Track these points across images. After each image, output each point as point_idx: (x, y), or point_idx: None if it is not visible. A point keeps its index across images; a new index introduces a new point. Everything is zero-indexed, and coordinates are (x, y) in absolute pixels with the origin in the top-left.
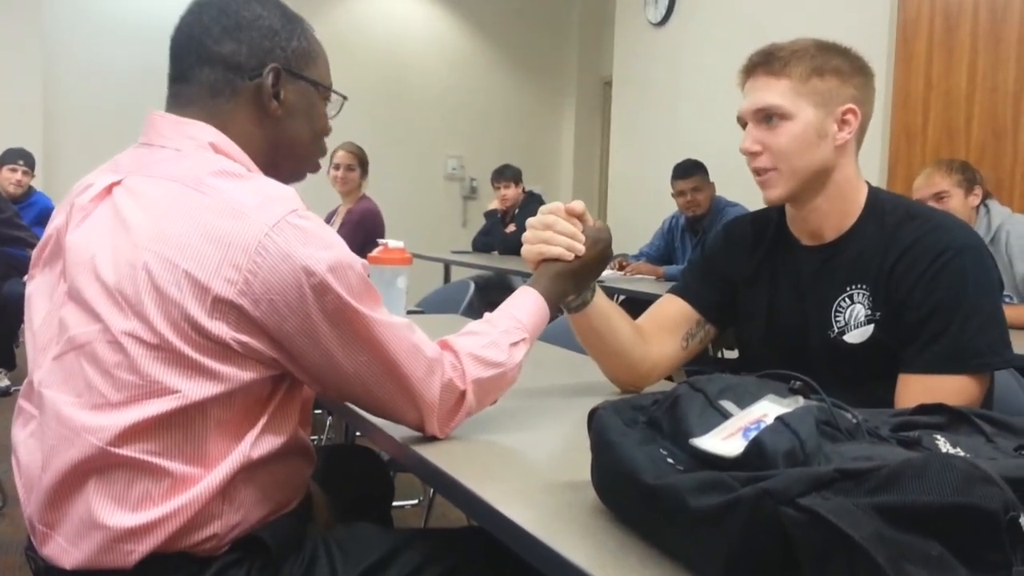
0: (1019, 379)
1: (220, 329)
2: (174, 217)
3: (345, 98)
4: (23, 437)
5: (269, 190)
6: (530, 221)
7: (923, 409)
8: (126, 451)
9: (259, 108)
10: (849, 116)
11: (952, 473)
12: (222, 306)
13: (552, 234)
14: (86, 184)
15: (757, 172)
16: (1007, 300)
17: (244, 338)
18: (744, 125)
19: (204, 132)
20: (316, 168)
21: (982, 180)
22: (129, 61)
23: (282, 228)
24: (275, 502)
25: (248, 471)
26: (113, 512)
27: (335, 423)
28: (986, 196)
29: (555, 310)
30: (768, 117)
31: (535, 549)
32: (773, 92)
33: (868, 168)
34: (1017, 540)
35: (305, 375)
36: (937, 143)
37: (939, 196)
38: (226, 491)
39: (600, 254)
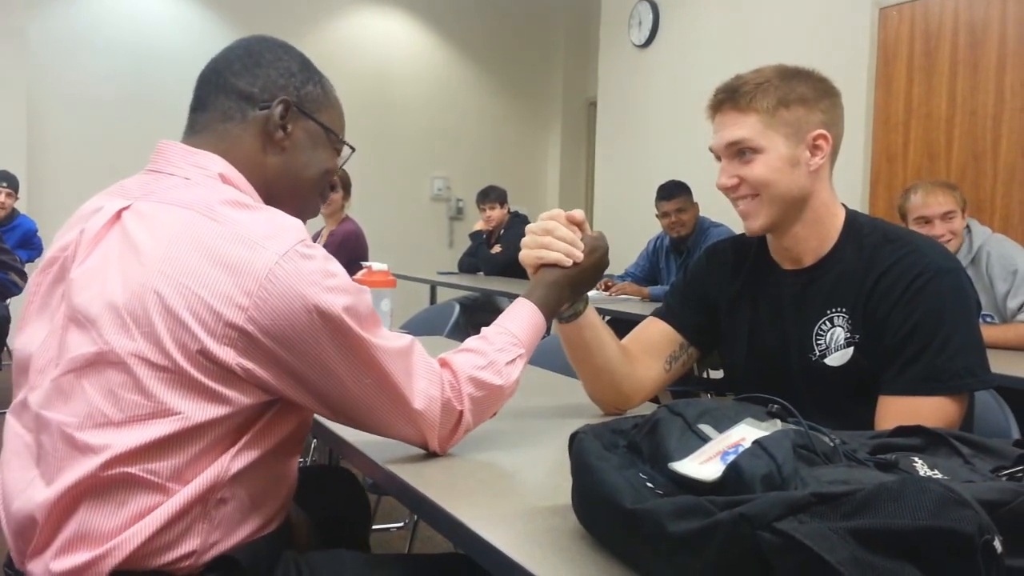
0: (999, 400)
1: (227, 354)
2: (185, 242)
3: (353, 149)
4: (7, 457)
5: (279, 220)
6: (530, 227)
7: (901, 431)
8: (124, 469)
9: (265, 137)
10: (820, 141)
11: (927, 496)
12: (231, 331)
13: (552, 239)
14: (95, 207)
15: (738, 202)
16: (989, 320)
17: (249, 364)
18: (718, 158)
19: (213, 163)
20: (314, 213)
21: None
22: (112, 87)
23: (291, 257)
24: (255, 523)
25: (227, 488)
26: (103, 527)
27: (319, 446)
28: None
29: (551, 319)
30: (741, 151)
31: (515, 574)
32: (742, 127)
33: (850, 189)
34: (991, 562)
35: (310, 399)
36: (918, 165)
37: (949, 216)
38: (206, 507)
39: (597, 262)
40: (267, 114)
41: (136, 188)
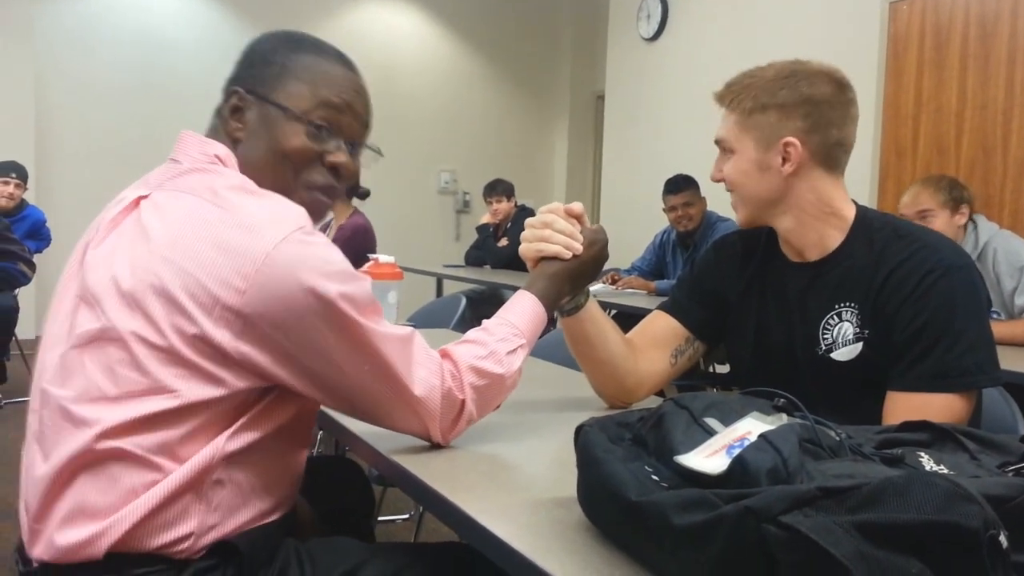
0: (1006, 396)
1: (224, 336)
2: (188, 227)
3: (322, 127)
4: (29, 439)
5: (280, 207)
6: (529, 220)
7: (907, 426)
8: (115, 444)
9: (224, 128)
10: (790, 149)
11: (933, 491)
12: (228, 314)
13: (551, 232)
14: (119, 199)
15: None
16: (995, 317)
17: (245, 348)
18: None
19: (213, 147)
20: (319, 208)
21: (970, 198)
22: (120, 77)
23: (290, 242)
24: (255, 510)
25: (224, 470)
26: (98, 503)
27: (325, 437)
28: (973, 213)
29: (552, 312)
30: (723, 148)
31: (520, 565)
32: (724, 125)
33: (859, 183)
34: (997, 557)
35: (309, 387)
36: (927, 159)
37: (923, 214)
38: (202, 488)
39: (597, 254)
40: (223, 105)
41: (155, 178)
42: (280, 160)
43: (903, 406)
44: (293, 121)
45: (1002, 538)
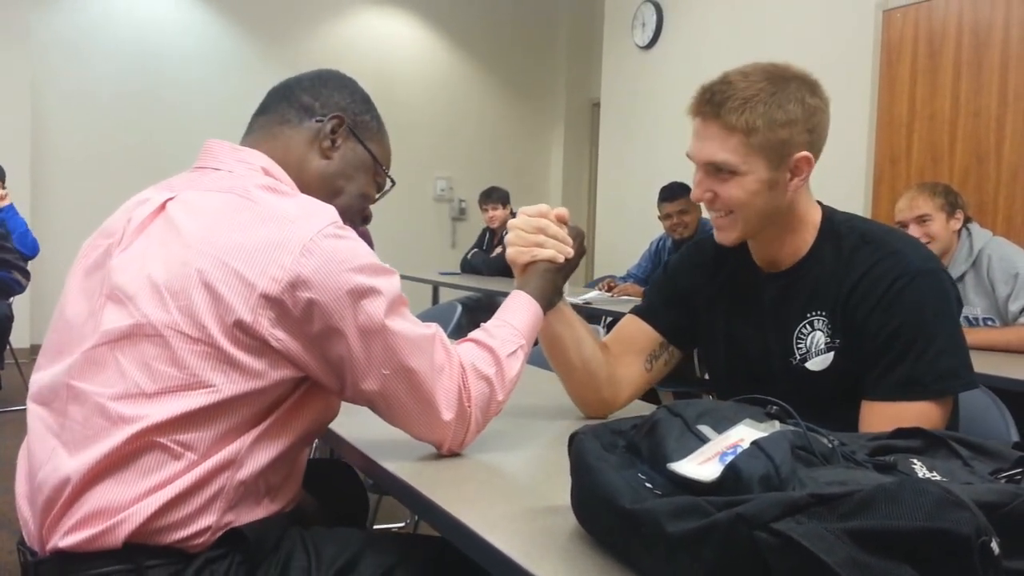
0: (998, 402)
1: (261, 325)
2: (224, 221)
3: (394, 183)
4: (42, 432)
5: (312, 204)
6: (514, 223)
7: (900, 433)
8: (154, 439)
9: (312, 144)
10: (802, 163)
11: (925, 498)
12: (265, 303)
13: (544, 237)
14: (143, 199)
15: (712, 213)
16: (990, 323)
17: (281, 335)
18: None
19: (257, 158)
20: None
21: (964, 204)
22: (116, 85)
23: (325, 235)
24: (268, 510)
25: (247, 471)
26: (124, 496)
27: (319, 444)
28: (967, 220)
29: (547, 309)
30: (718, 169)
31: (514, 573)
32: (724, 147)
33: (853, 191)
34: (988, 564)
35: (330, 377)
36: (921, 166)
37: (921, 219)
38: (223, 487)
39: (579, 249)
40: (320, 126)
41: (181, 183)
42: (355, 200)
43: (878, 415)
44: (374, 176)
45: (994, 544)
